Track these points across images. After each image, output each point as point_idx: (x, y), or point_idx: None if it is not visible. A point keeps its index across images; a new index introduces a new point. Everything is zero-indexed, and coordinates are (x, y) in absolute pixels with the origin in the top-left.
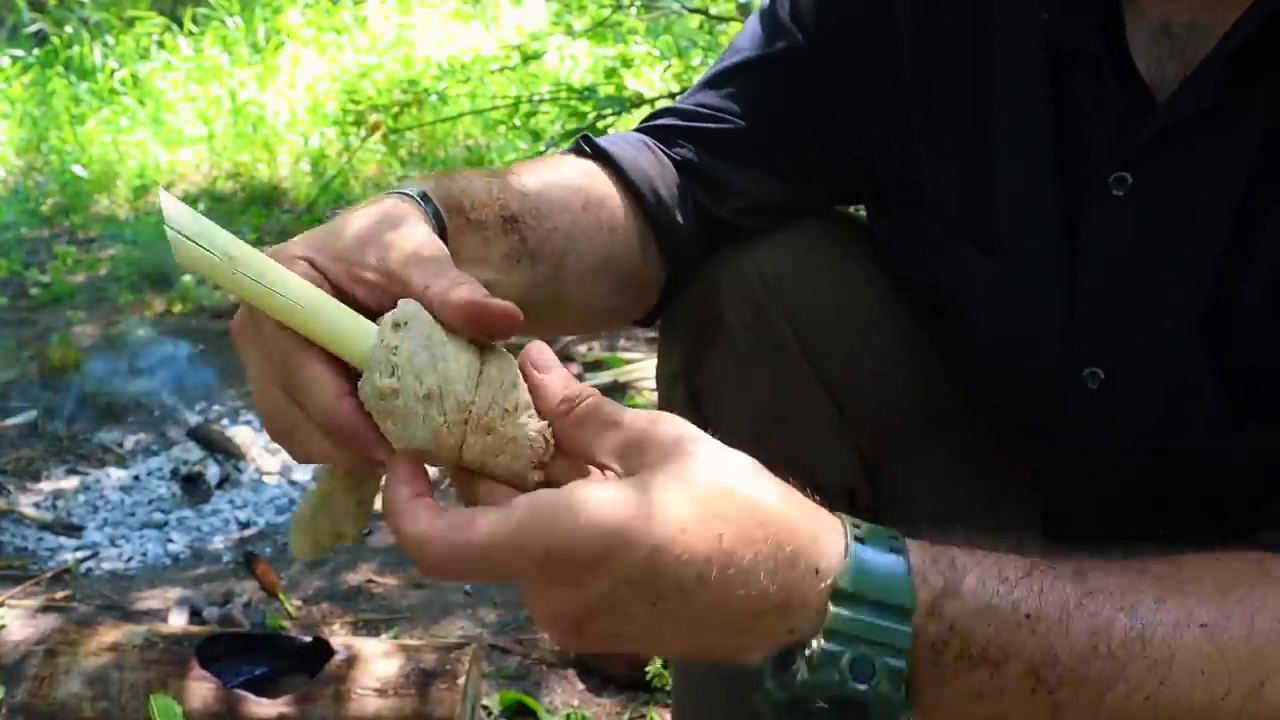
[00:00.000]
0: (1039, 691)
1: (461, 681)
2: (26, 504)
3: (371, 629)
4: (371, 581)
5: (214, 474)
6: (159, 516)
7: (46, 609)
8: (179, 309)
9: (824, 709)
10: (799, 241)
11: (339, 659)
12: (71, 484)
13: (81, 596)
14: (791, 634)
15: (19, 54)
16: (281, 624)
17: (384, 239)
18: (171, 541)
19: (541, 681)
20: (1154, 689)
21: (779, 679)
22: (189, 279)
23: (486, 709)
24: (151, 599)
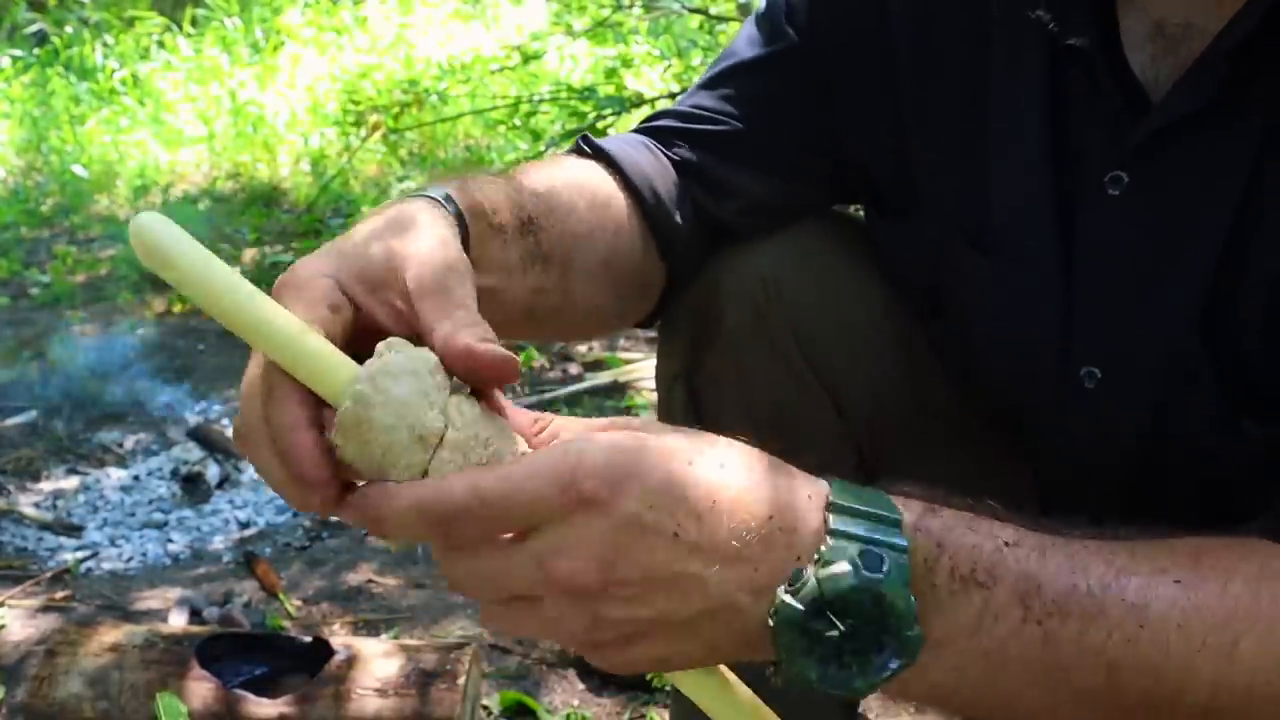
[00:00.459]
0: (1028, 621)
1: (461, 681)
2: (26, 504)
3: (371, 629)
4: (371, 581)
5: (214, 474)
6: (159, 516)
7: (46, 609)
8: (179, 309)
9: (841, 635)
10: (798, 242)
11: (339, 659)
12: (71, 484)
13: (81, 596)
14: (799, 560)
15: (19, 54)
16: (281, 624)
17: (405, 257)
18: (171, 541)
19: (541, 681)
20: (1134, 631)
21: (793, 592)
22: None
23: (486, 709)
24: (151, 599)
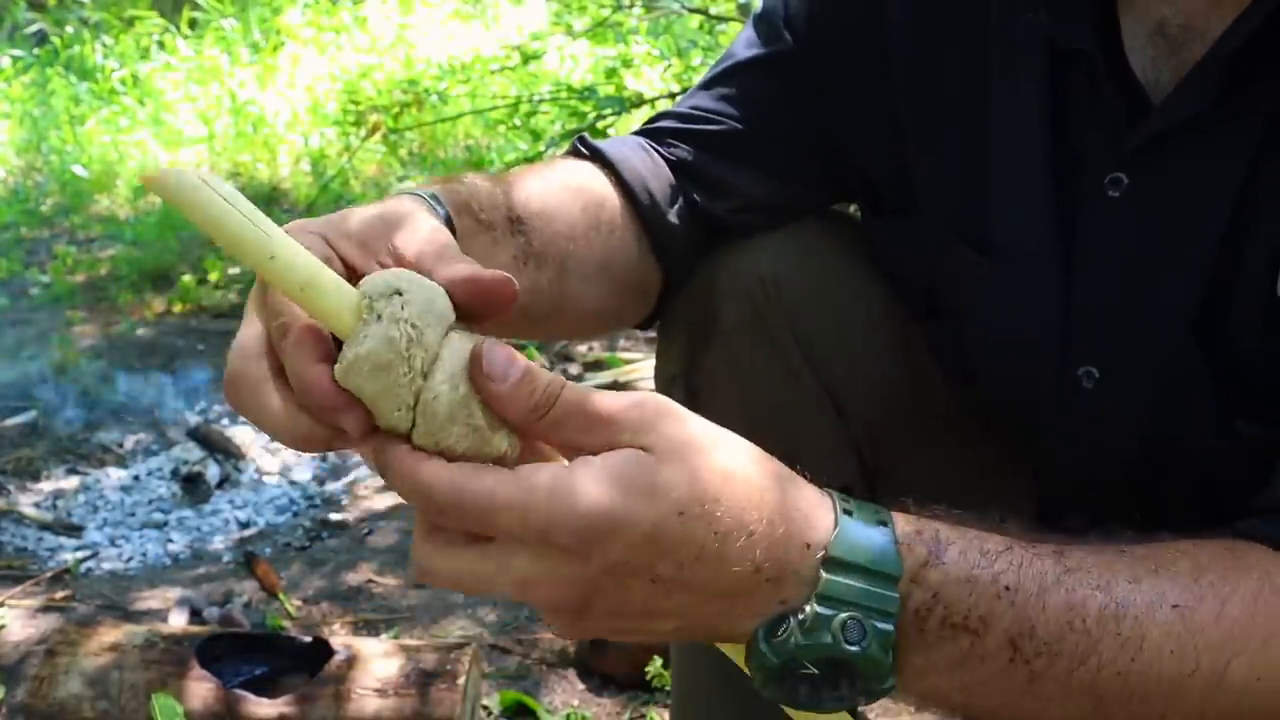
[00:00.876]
0: (1016, 661)
1: (461, 681)
2: (26, 504)
3: (371, 629)
4: (371, 581)
5: (214, 474)
6: (159, 516)
7: (46, 609)
8: (179, 309)
9: (812, 675)
10: (796, 242)
11: (339, 659)
12: (71, 484)
13: (81, 596)
14: (783, 604)
15: (19, 54)
16: (281, 624)
17: (397, 226)
18: (171, 541)
19: (541, 681)
20: (1125, 665)
21: (771, 644)
22: (189, 279)
23: (486, 709)
24: (151, 599)
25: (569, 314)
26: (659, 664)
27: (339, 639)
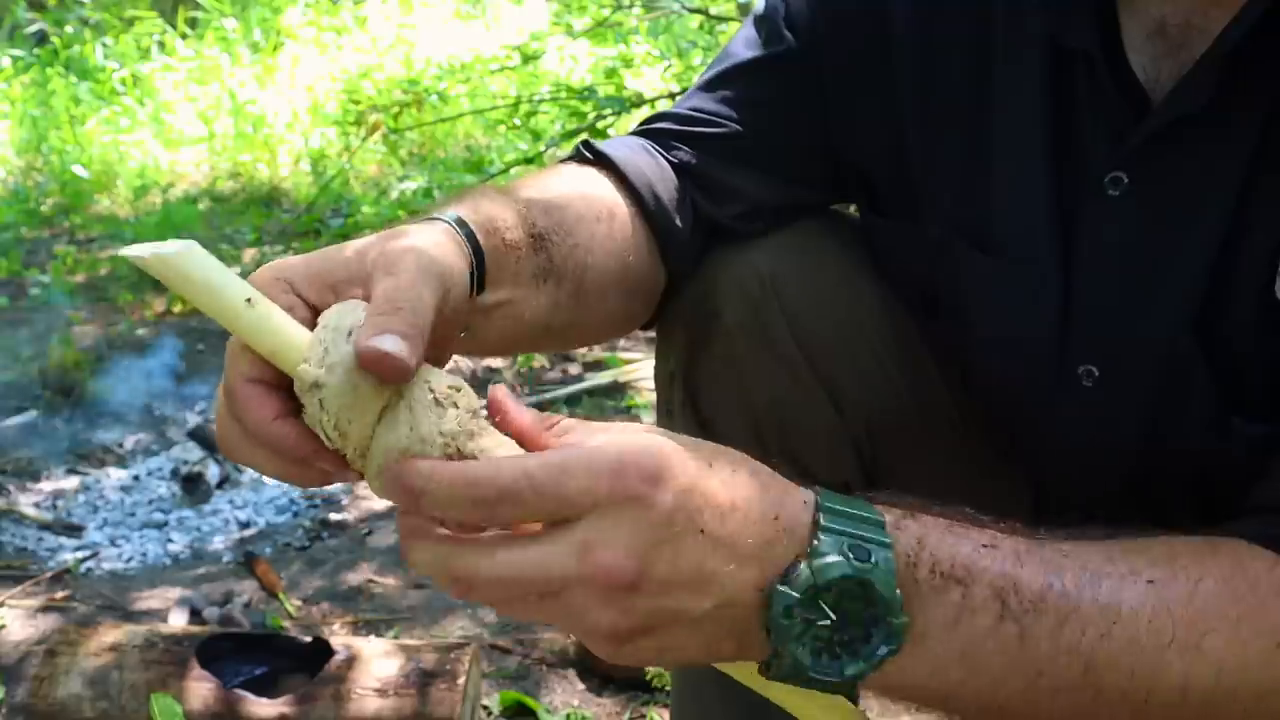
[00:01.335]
0: (1006, 619)
1: (461, 681)
2: (26, 504)
3: (371, 629)
4: (371, 581)
5: (214, 474)
6: (159, 516)
7: (46, 609)
8: (179, 309)
9: (829, 624)
10: (795, 242)
11: (339, 659)
12: (71, 484)
13: (81, 596)
14: (795, 558)
15: (19, 54)
16: (281, 624)
17: (377, 272)
18: (171, 541)
19: (541, 681)
20: (1107, 628)
21: (788, 580)
22: None
23: (486, 709)
24: (151, 599)
25: (588, 324)
26: None
27: (339, 639)
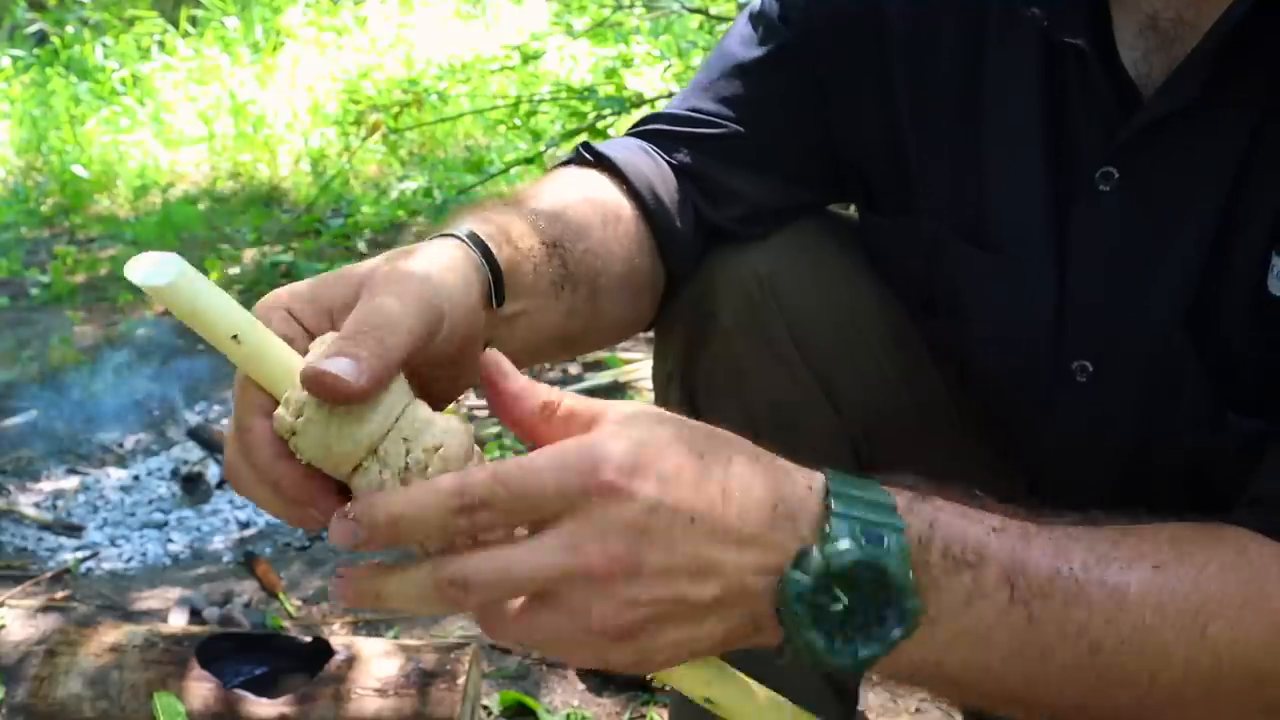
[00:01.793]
0: (1015, 602)
1: (461, 681)
2: (26, 504)
3: (371, 629)
4: None
5: (214, 474)
6: (159, 516)
7: (46, 609)
8: None
9: (843, 608)
10: (793, 242)
11: (339, 659)
12: (71, 484)
13: (81, 596)
14: (803, 542)
15: (19, 54)
16: (281, 624)
17: (364, 293)
18: (171, 541)
19: (541, 681)
20: (1114, 613)
21: (801, 566)
22: None
23: (486, 709)
24: (151, 599)
25: (602, 328)
26: None
27: (339, 639)
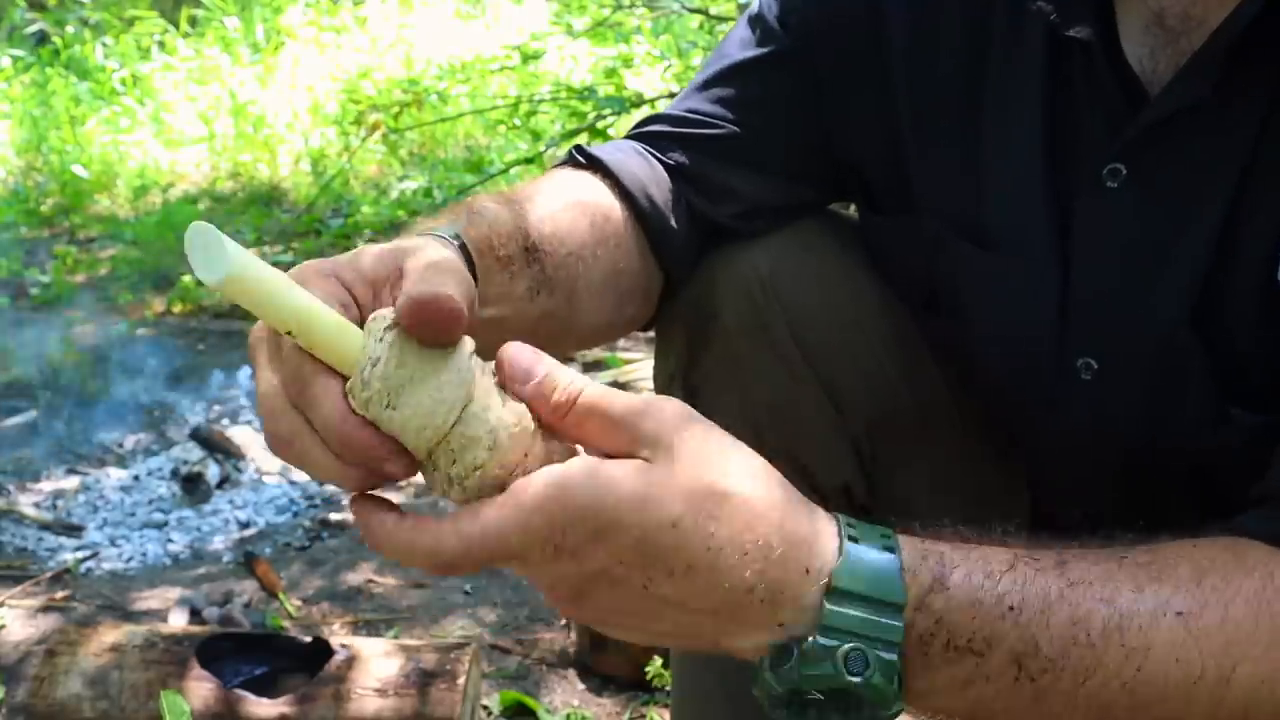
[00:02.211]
0: (1021, 679)
1: (461, 681)
2: (26, 504)
3: (371, 629)
4: (371, 581)
5: (214, 474)
6: (159, 516)
7: (46, 609)
8: (179, 309)
9: (819, 700)
10: (794, 241)
11: (339, 659)
12: (71, 484)
13: (81, 596)
14: (781, 626)
15: (19, 54)
16: (281, 624)
17: (407, 260)
18: (171, 541)
19: (541, 681)
20: (1131, 676)
21: (776, 672)
22: (189, 279)
23: (486, 709)
24: (151, 599)
25: (581, 330)
26: (659, 664)
27: (339, 639)
